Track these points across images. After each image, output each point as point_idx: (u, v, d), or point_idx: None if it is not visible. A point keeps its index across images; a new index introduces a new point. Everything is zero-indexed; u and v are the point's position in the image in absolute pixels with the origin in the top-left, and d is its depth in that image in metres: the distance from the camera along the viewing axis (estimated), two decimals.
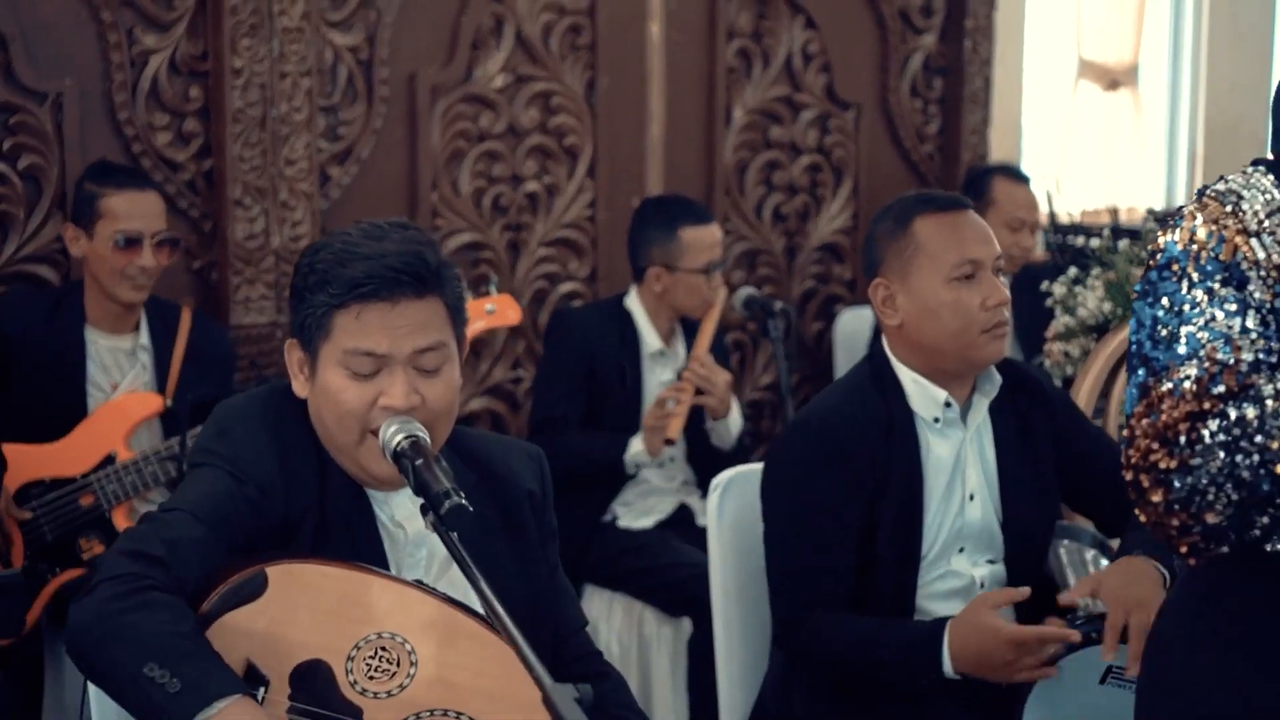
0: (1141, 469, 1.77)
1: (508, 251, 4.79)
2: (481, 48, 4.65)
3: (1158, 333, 1.83)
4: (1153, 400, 1.79)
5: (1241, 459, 1.72)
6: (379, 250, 2.20)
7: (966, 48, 5.53)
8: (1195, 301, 1.82)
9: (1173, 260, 1.86)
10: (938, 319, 2.85)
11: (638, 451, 4.18)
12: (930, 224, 2.87)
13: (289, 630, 2.12)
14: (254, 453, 2.23)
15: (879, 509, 2.83)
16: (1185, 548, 1.78)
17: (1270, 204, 1.88)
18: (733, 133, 5.18)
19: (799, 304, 5.35)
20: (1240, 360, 1.78)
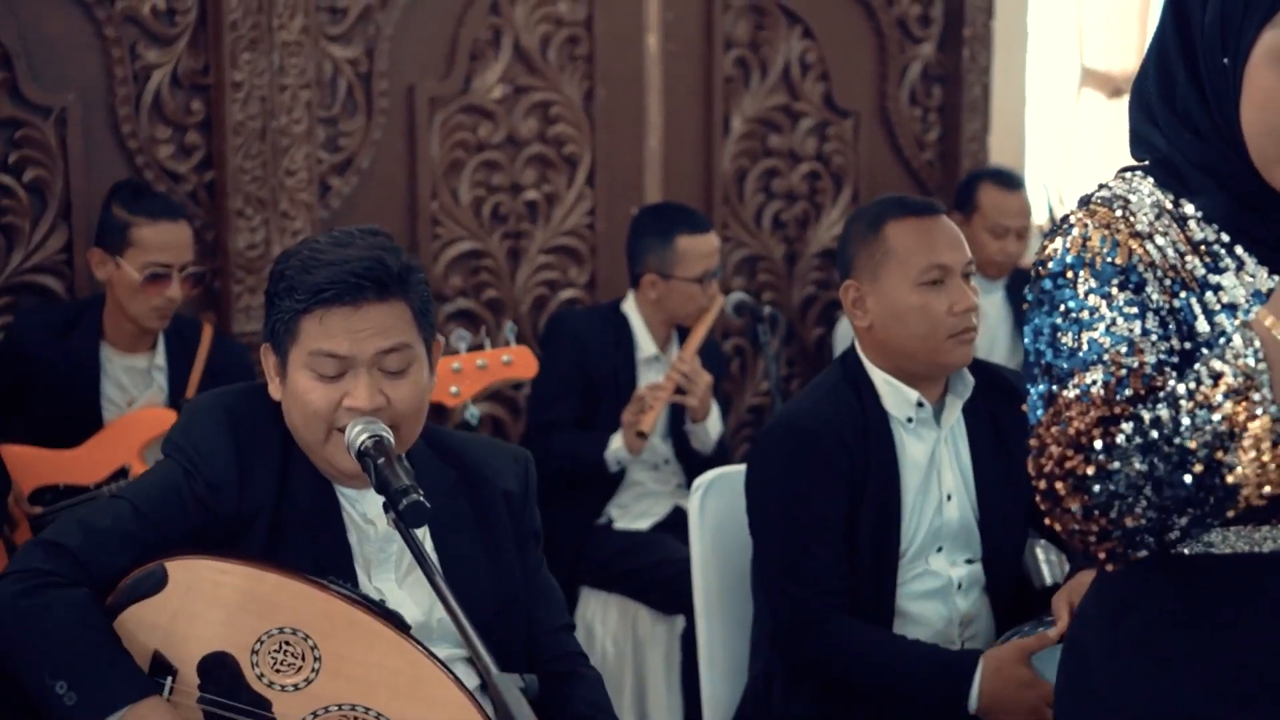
0: (1056, 477, 1.78)
1: (507, 260, 4.86)
2: (480, 59, 4.73)
3: (1058, 340, 1.84)
4: (1060, 408, 1.80)
5: (1159, 461, 1.73)
6: (343, 256, 2.28)
7: (965, 56, 5.58)
8: (1094, 307, 1.83)
9: (1066, 268, 1.86)
10: (905, 323, 2.90)
11: (617, 448, 4.24)
12: (901, 228, 2.92)
13: (192, 624, 2.20)
14: (210, 448, 2.31)
15: (858, 509, 2.87)
16: (1104, 554, 1.78)
17: (1156, 206, 1.89)
18: (731, 141, 5.24)
19: (800, 310, 5.40)
20: (1144, 363, 1.79)
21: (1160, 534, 1.76)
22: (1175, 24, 1.94)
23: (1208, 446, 1.72)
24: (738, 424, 5.27)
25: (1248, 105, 1.86)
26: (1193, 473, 1.73)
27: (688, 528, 4.29)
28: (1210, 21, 1.88)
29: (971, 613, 2.98)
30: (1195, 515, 1.75)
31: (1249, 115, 1.86)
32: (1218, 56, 1.88)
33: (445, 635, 2.36)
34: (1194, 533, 1.78)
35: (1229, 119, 1.88)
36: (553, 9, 4.84)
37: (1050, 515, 1.81)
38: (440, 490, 2.35)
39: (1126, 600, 1.95)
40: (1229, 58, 1.87)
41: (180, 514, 2.27)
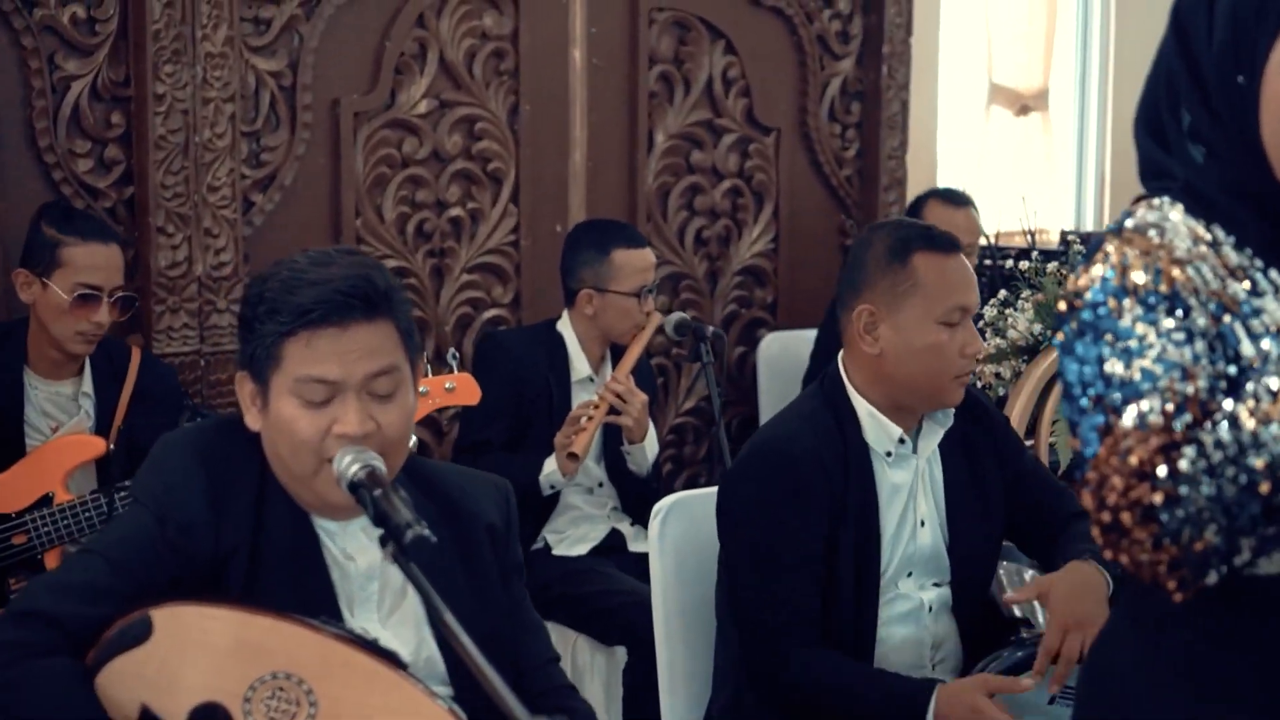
0: (1122, 508, 1.74)
1: (431, 277, 4.76)
2: (405, 73, 4.63)
3: (1107, 371, 1.79)
4: (1117, 438, 1.76)
5: (1226, 482, 1.70)
6: (326, 275, 2.17)
7: (884, 73, 5.57)
8: (1142, 335, 1.79)
9: (1109, 296, 1.82)
10: (918, 357, 2.83)
11: (551, 471, 4.15)
12: (930, 262, 2.84)
13: (180, 674, 2.07)
14: (182, 490, 2.19)
15: (837, 539, 2.82)
16: (1174, 582, 1.75)
17: (1190, 232, 1.88)
18: (655, 158, 5.18)
19: (722, 328, 5.35)
20: (1198, 389, 1.77)
21: (1230, 557, 1.73)
22: (1179, 50, 1.92)
23: (1274, 463, 1.69)
24: (661, 443, 5.19)
25: (1268, 116, 1.84)
26: (1260, 492, 1.70)
27: (625, 552, 4.32)
28: (1221, 41, 1.87)
29: (941, 635, 2.96)
30: (1265, 535, 1.72)
31: (1270, 127, 1.84)
32: (1232, 75, 1.86)
33: (431, 675, 2.26)
34: (1265, 551, 1.75)
35: (1248, 137, 1.86)
36: (478, 23, 4.76)
37: (1116, 549, 1.77)
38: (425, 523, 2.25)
39: (1164, 622, 1.91)
40: (1244, 75, 1.85)
41: (155, 561, 2.14)
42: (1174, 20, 1.95)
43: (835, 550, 2.82)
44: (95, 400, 3.73)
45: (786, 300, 5.53)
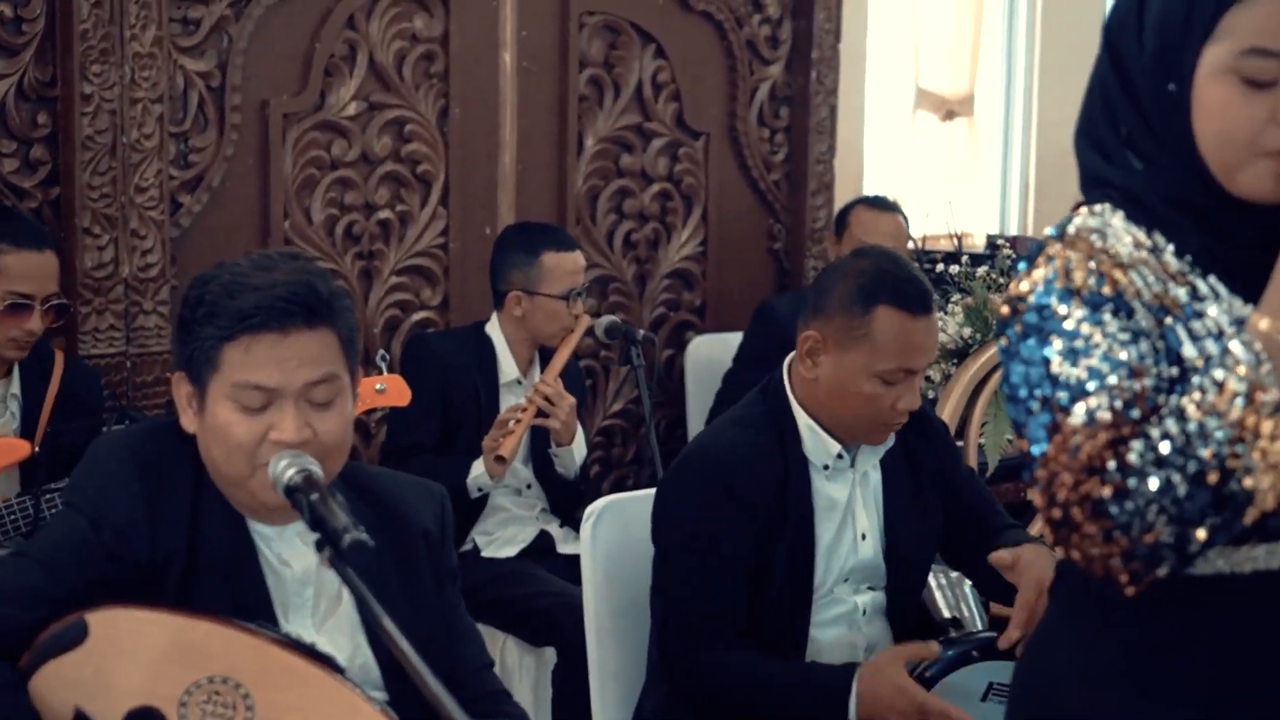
0: (1072, 503, 1.77)
1: (360, 279, 4.75)
2: (334, 75, 4.61)
3: (1054, 371, 1.83)
4: (1066, 436, 1.79)
5: (1175, 474, 1.73)
6: (269, 280, 2.15)
7: (812, 78, 5.60)
8: (1087, 335, 1.82)
9: (1054, 298, 1.86)
10: (848, 401, 2.83)
11: (479, 474, 4.15)
12: (890, 319, 2.79)
13: (116, 678, 2.06)
14: (116, 493, 2.18)
15: (772, 549, 2.83)
16: (1126, 575, 1.78)
17: (1132, 238, 1.91)
18: (584, 161, 5.19)
19: (650, 331, 5.36)
20: (1145, 387, 1.81)
21: (1181, 548, 1.75)
22: (1112, 63, 1.97)
23: (1221, 454, 1.73)
24: (589, 445, 5.19)
25: (1201, 121, 1.88)
26: (1209, 482, 1.73)
27: (554, 553, 4.33)
28: (1150, 52, 1.91)
29: (874, 639, 2.98)
30: (1215, 525, 1.75)
31: (1204, 131, 1.88)
32: (1163, 84, 1.90)
33: (366, 681, 2.26)
34: (1215, 542, 1.78)
35: (1183, 144, 1.90)
36: (408, 25, 4.74)
37: (1067, 544, 1.79)
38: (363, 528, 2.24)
39: (1102, 624, 1.93)
40: (1174, 83, 1.89)
41: (89, 564, 2.12)
42: (1106, 34, 1.99)
43: (770, 560, 2.83)
44: (22, 402, 3.70)
45: (714, 303, 5.55)
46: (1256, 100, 1.84)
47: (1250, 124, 1.85)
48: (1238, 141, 1.86)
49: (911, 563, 3.00)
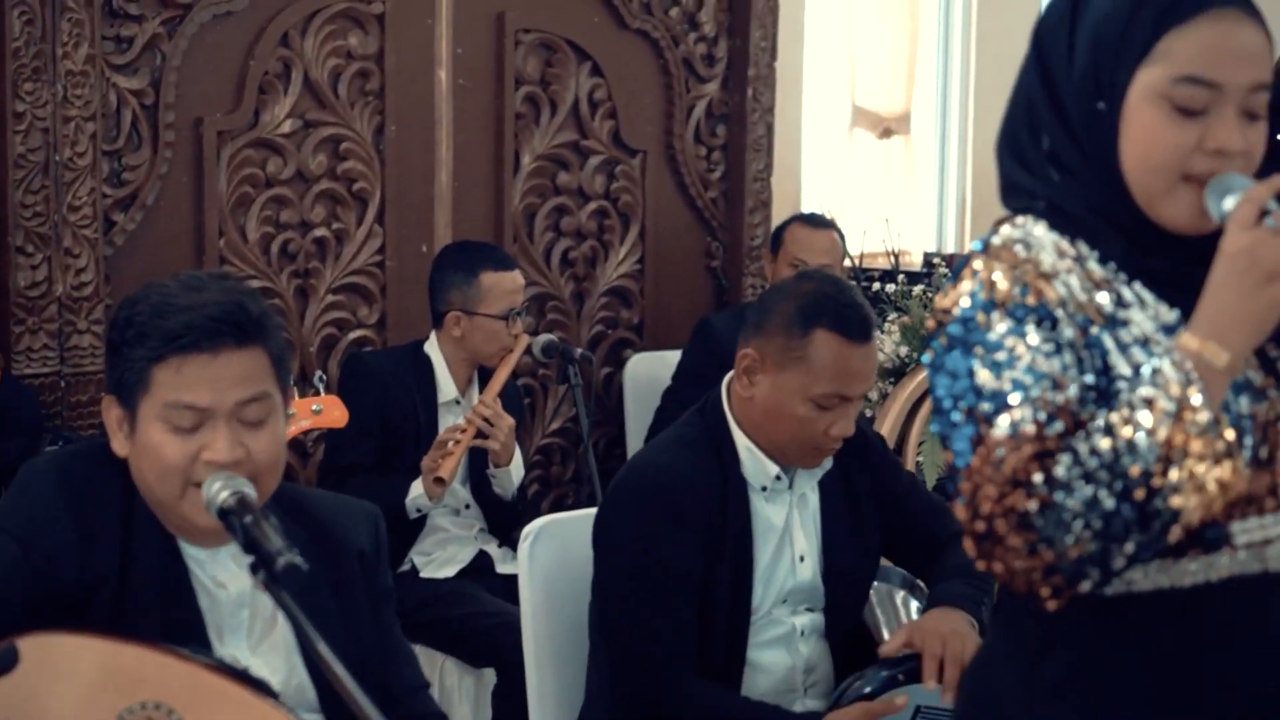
0: (997, 515, 1.77)
1: (296, 298, 4.72)
2: (269, 93, 4.59)
3: (978, 383, 1.83)
4: (990, 448, 1.79)
5: (1101, 489, 1.73)
6: (198, 301, 2.14)
7: (749, 96, 5.61)
8: (1011, 348, 1.83)
9: (978, 310, 1.86)
10: (781, 423, 2.83)
11: (417, 495, 4.13)
12: (828, 343, 2.78)
13: (48, 704, 2.03)
14: (46, 517, 2.15)
15: (712, 570, 2.82)
16: (1049, 589, 1.78)
17: (1055, 247, 1.92)
18: (521, 179, 5.18)
19: (588, 348, 5.35)
20: (1069, 399, 1.81)
21: (1105, 563, 1.76)
22: (1040, 75, 1.97)
23: (1148, 471, 1.73)
24: (528, 464, 5.18)
25: (1128, 144, 1.89)
26: (1135, 499, 1.74)
27: (493, 574, 4.31)
28: (1081, 68, 1.92)
29: (813, 659, 2.98)
30: (1140, 541, 1.76)
31: (1130, 154, 1.89)
32: (1091, 102, 1.91)
33: (302, 703, 2.24)
34: (1139, 559, 1.78)
35: (1107, 162, 1.91)
36: (343, 43, 4.72)
37: (990, 558, 1.79)
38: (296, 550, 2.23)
39: (1044, 644, 1.93)
40: (1104, 101, 1.90)
41: (20, 589, 2.09)
42: (1034, 46, 1.99)
43: (710, 581, 2.82)
44: None
45: (652, 321, 5.55)
46: (1185, 127, 1.86)
47: (1176, 151, 1.86)
48: (1163, 167, 1.87)
49: (850, 585, 3.00)
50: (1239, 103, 1.86)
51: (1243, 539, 1.88)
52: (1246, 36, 1.87)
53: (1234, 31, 1.87)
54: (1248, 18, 1.88)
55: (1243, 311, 1.78)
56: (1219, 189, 1.85)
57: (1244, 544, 1.88)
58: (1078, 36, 1.93)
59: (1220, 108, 1.86)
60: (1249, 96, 1.87)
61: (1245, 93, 1.86)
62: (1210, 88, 1.85)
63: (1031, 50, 2.00)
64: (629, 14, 5.31)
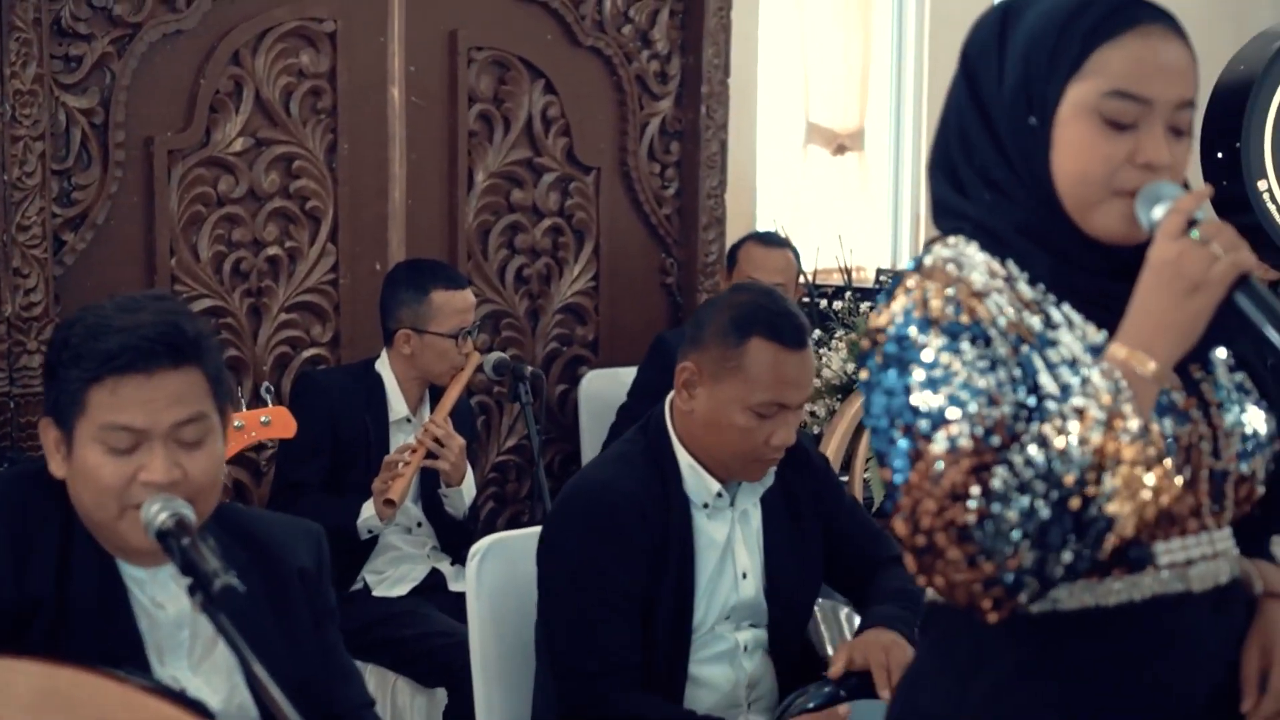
0: (936, 529, 1.79)
1: (249, 317, 4.71)
2: (220, 111, 4.58)
3: (914, 400, 1.85)
4: (929, 463, 1.81)
5: (1037, 499, 1.76)
6: (133, 322, 2.14)
7: (702, 113, 5.62)
8: (946, 364, 1.85)
9: (913, 328, 1.88)
10: (722, 434, 2.84)
11: (369, 516, 4.12)
12: (764, 351, 2.80)
13: None
14: None
15: (655, 587, 2.83)
16: (989, 601, 1.80)
17: (986, 267, 1.95)
18: (475, 196, 5.18)
19: (543, 366, 5.36)
20: (1004, 414, 1.83)
21: (1043, 573, 1.78)
22: (969, 92, 1.99)
23: (1082, 480, 1.76)
24: (482, 482, 5.19)
25: (1060, 158, 1.92)
26: (1070, 507, 1.76)
27: (445, 592, 4.30)
28: (1012, 85, 1.94)
29: (756, 675, 2.99)
30: (1077, 551, 1.78)
31: (1062, 168, 1.92)
32: (1023, 117, 1.94)
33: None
34: (1077, 569, 1.80)
35: (1039, 177, 1.94)
36: (295, 60, 4.72)
37: (930, 572, 1.81)
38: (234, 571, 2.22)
39: (972, 662, 1.95)
40: (1035, 116, 1.92)
41: None
42: (963, 64, 2.02)
43: (652, 598, 2.83)
44: None
45: (607, 338, 5.56)
46: (1116, 141, 1.89)
47: (1107, 164, 1.89)
48: (1095, 180, 1.90)
49: (793, 602, 3.01)
50: (1166, 118, 1.90)
51: (1165, 559, 1.91)
52: (1174, 53, 1.91)
53: (1162, 48, 1.90)
54: (1174, 35, 1.92)
55: (1168, 321, 1.81)
56: (1149, 198, 1.89)
57: (1167, 564, 1.91)
58: (1007, 54, 1.96)
59: (1148, 123, 1.89)
60: (1175, 113, 1.91)
61: (1172, 109, 1.90)
62: (1140, 102, 1.88)
63: (960, 70, 2.03)
64: (582, 31, 5.33)
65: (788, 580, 2.97)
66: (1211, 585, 1.94)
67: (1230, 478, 1.95)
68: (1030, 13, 1.95)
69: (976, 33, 2.02)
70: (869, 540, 3.07)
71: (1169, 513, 1.88)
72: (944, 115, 2.04)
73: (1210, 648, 1.94)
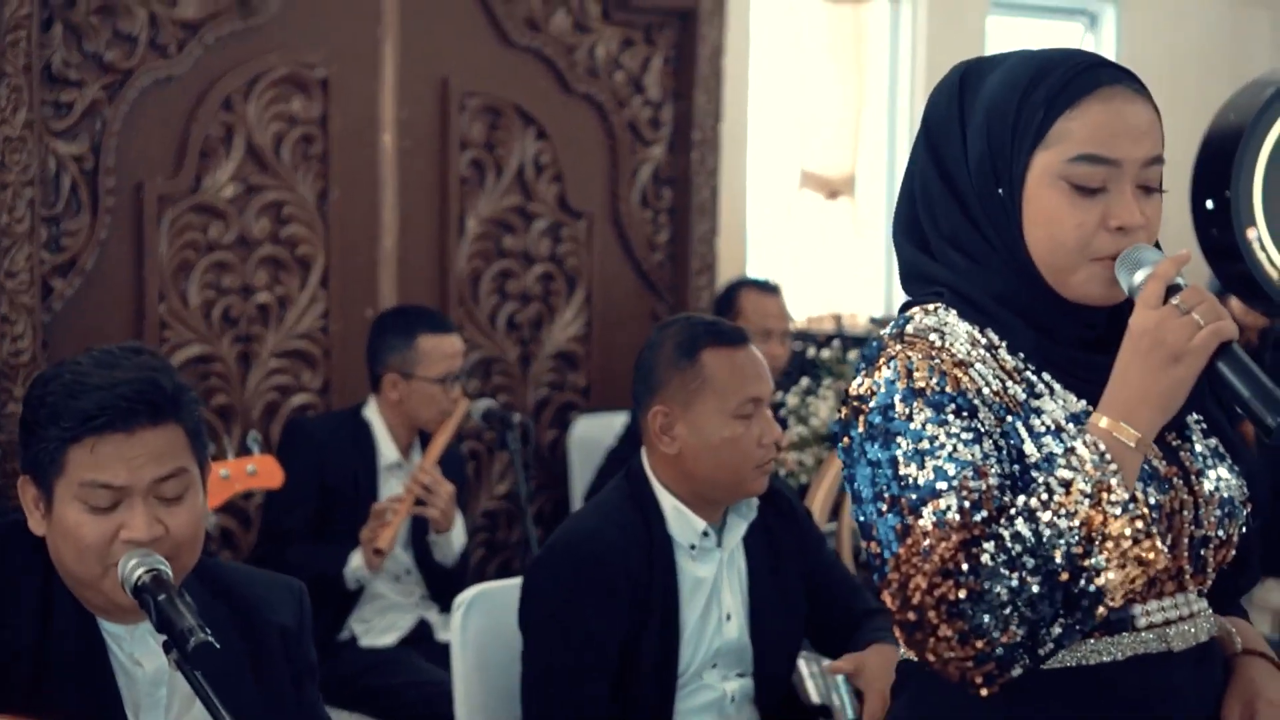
0: (928, 606, 1.77)
1: (238, 363, 4.70)
2: (211, 157, 4.58)
3: (901, 472, 1.84)
4: (917, 538, 1.80)
5: (1027, 575, 1.75)
6: (111, 379, 2.14)
7: (694, 159, 5.62)
8: (933, 436, 1.84)
9: (897, 399, 1.87)
10: (717, 453, 2.86)
11: (357, 566, 4.10)
12: (718, 358, 2.87)
13: None
14: None
15: (639, 634, 2.83)
16: (980, 677, 1.79)
17: (968, 335, 1.94)
18: (466, 242, 5.18)
19: (534, 412, 5.35)
20: (990, 486, 1.82)
21: (1034, 648, 1.77)
22: (934, 161, 1.99)
23: (1071, 554, 1.75)
24: (473, 528, 5.16)
25: (1031, 226, 1.93)
26: (1059, 581, 1.75)
27: (432, 642, 4.28)
28: (978, 156, 1.94)
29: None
30: (1067, 625, 1.78)
31: (1035, 235, 1.93)
32: (991, 188, 1.94)
33: None
34: (1065, 643, 1.80)
35: (1011, 247, 1.94)
36: (286, 107, 4.73)
37: (921, 647, 1.80)
38: (213, 628, 2.20)
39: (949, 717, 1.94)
40: (1003, 187, 1.92)
41: None
42: (925, 132, 2.01)
43: (637, 644, 2.83)
44: None
45: (599, 384, 5.54)
46: (1086, 206, 1.89)
47: (1080, 230, 1.89)
48: (1069, 248, 1.90)
49: (779, 646, 3.00)
50: (1134, 178, 1.90)
51: (1144, 621, 1.91)
52: (1136, 113, 1.91)
53: (1124, 110, 1.91)
54: (1136, 94, 1.92)
55: (1149, 390, 1.80)
56: (1129, 263, 1.89)
57: (1146, 625, 1.91)
58: (968, 125, 1.96)
59: (1117, 184, 1.90)
60: (1143, 171, 1.91)
61: (1139, 167, 1.91)
62: (1107, 164, 1.89)
63: (922, 137, 2.02)
64: (574, 78, 5.33)
65: (771, 623, 2.97)
66: (1192, 644, 1.95)
67: (1210, 543, 1.95)
68: (989, 81, 1.96)
69: (936, 99, 2.02)
70: (850, 594, 3.07)
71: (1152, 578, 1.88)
72: (906, 180, 2.04)
73: (1190, 705, 1.95)
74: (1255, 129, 3.56)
